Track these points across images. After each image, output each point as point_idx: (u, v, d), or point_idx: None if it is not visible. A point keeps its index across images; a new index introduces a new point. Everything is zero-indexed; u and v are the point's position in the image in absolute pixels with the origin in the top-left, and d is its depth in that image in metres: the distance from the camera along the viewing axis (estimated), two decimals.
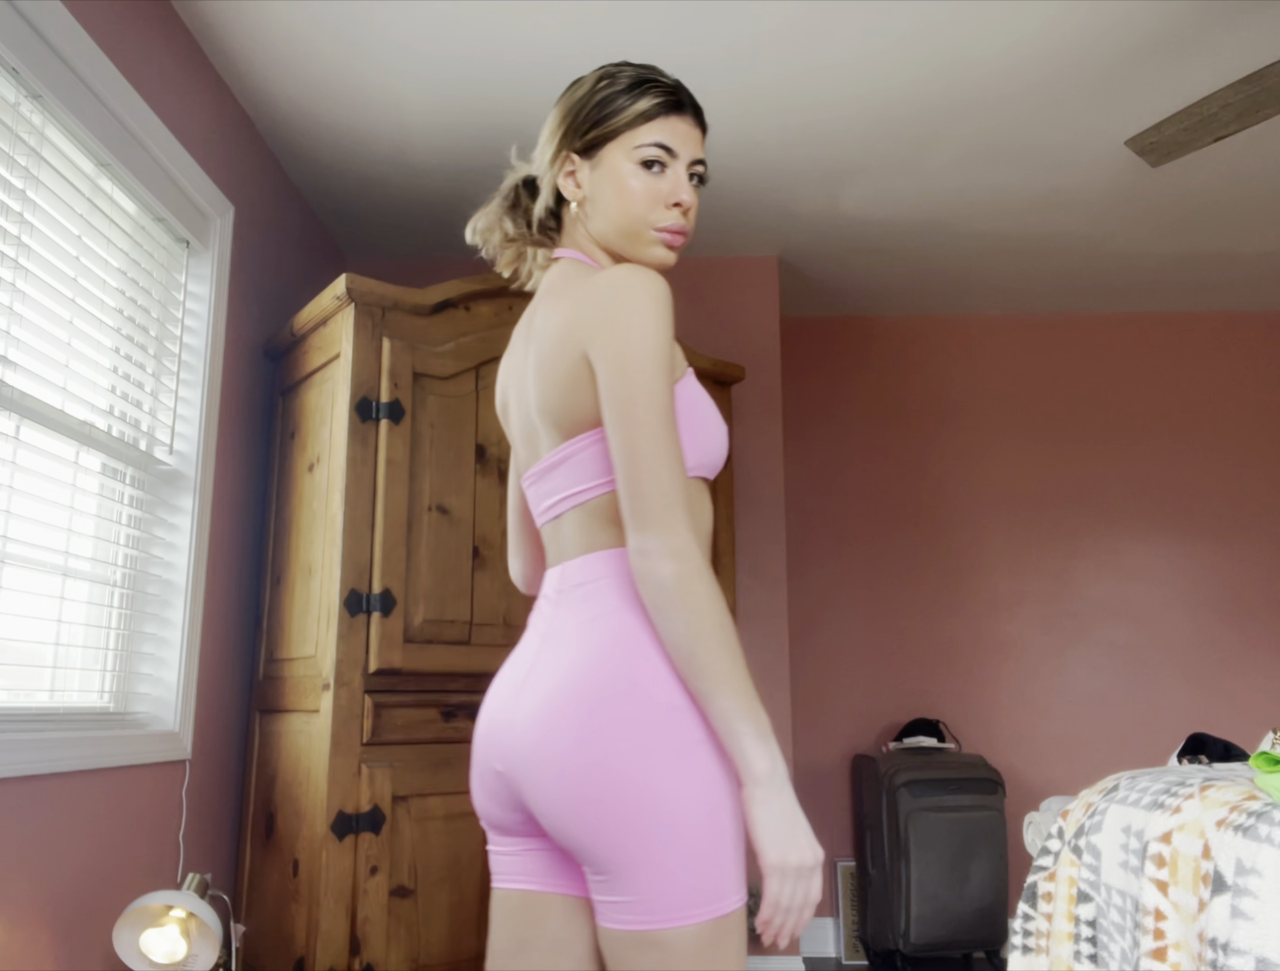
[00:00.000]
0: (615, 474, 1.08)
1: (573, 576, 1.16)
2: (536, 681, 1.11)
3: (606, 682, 1.05)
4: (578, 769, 1.03)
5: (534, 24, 2.46)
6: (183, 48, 2.46)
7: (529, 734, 1.08)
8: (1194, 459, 4.15)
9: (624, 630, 1.08)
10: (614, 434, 1.07)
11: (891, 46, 2.53)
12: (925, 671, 4.02)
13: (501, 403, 1.34)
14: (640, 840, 1.01)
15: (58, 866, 1.93)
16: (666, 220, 1.21)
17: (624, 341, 1.07)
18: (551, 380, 1.15)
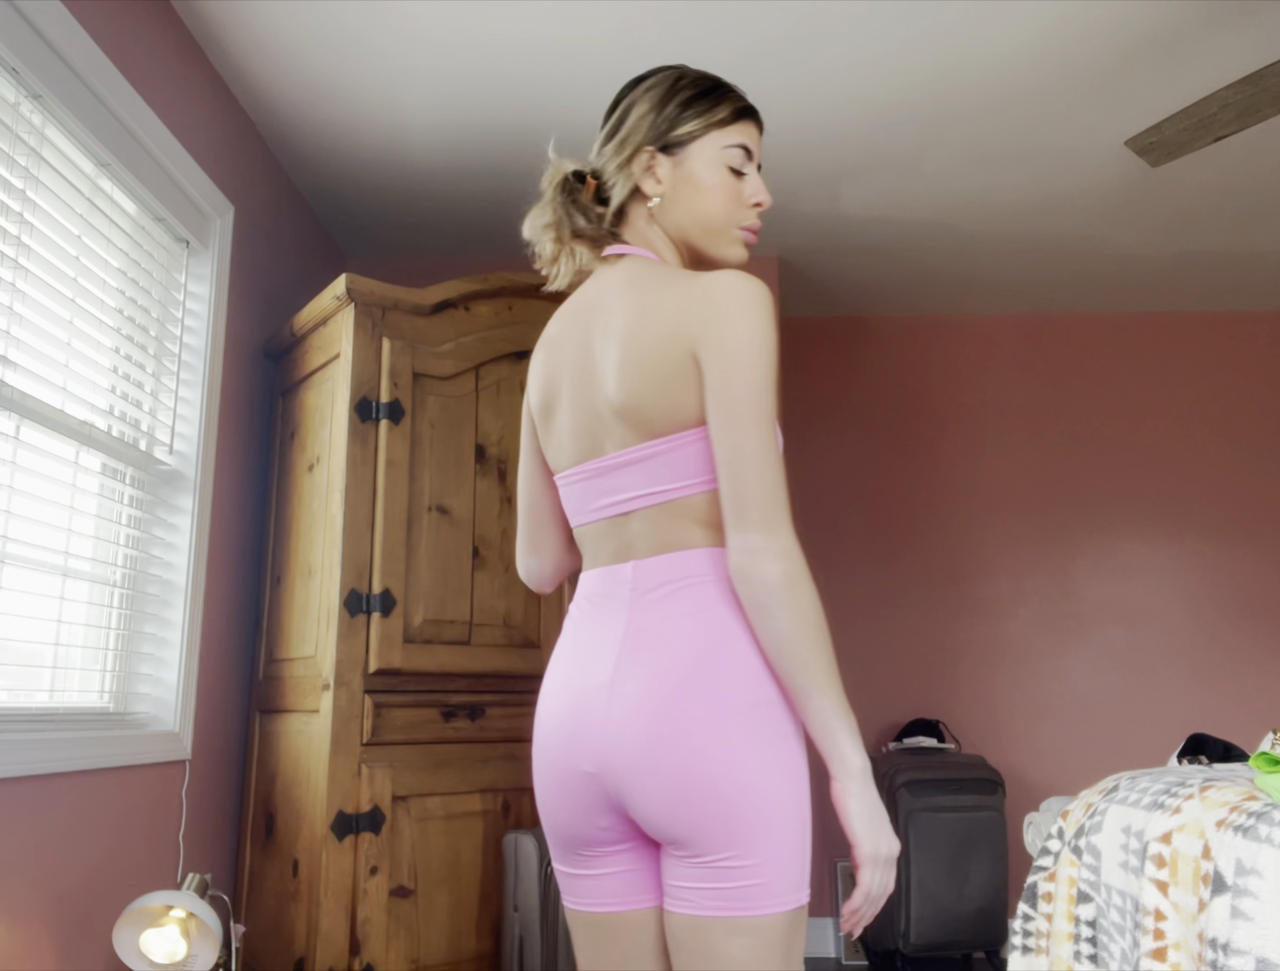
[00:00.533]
0: (721, 473, 1.10)
1: (654, 574, 1.15)
2: (631, 680, 1.11)
3: (714, 677, 1.08)
4: (691, 760, 1.06)
5: (533, 25, 2.45)
6: (183, 48, 2.46)
7: (633, 731, 1.09)
8: (1194, 459, 4.15)
9: (724, 626, 1.10)
10: (724, 434, 1.09)
11: (892, 48, 2.53)
12: (925, 671, 4.02)
13: (545, 398, 1.28)
14: (747, 829, 1.05)
15: (58, 866, 1.93)
16: (749, 219, 1.27)
17: (740, 345, 1.10)
18: (648, 378, 1.14)
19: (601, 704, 1.12)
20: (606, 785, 1.12)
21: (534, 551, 1.38)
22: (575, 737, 1.15)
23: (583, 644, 1.18)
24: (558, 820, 1.18)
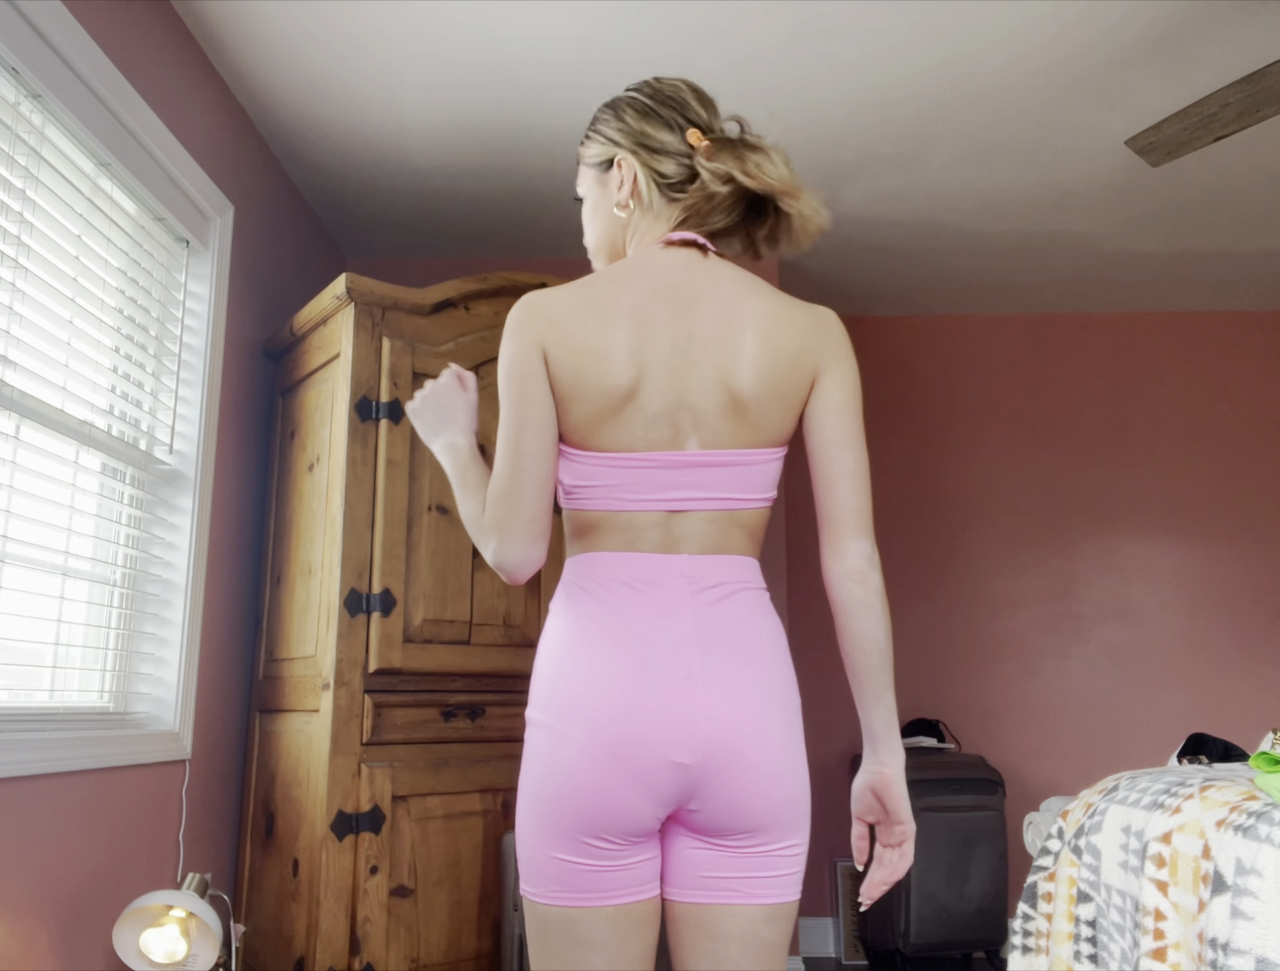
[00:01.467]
0: (842, 487, 1.24)
1: (711, 572, 1.19)
2: (717, 677, 1.15)
3: (782, 682, 1.19)
4: (782, 758, 1.16)
5: (533, 25, 2.46)
6: (183, 47, 2.46)
7: (732, 729, 1.14)
8: (1194, 459, 4.15)
9: (778, 634, 1.23)
10: (846, 454, 1.24)
11: (891, 47, 2.53)
12: (925, 671, 4.02)
13: (633, 377, 1.19)
14: (803, 820, 1.19)
15: (58, 866, 1.93)
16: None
17: (855, 377, 1.26)
18: (779, 383, 1.21)
19: (689, 698, 1.13)
20: (695, 777, 1.13)
21: (539, 538, 1.21)
22: (663, 728, 1.12)
23: (641, 630, 1.15)
24: (613, 809, 1.12)
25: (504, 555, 1.20)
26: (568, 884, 1.13)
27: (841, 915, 3.79)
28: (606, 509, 1.21)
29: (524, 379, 1.20)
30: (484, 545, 1.22)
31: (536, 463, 1.20)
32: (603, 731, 1.12)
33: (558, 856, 1.13)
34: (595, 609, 1.18)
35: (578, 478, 1.22)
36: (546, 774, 1.14)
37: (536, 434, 1.20)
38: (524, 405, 1.20)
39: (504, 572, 1.22)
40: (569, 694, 1.15)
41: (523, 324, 1.22)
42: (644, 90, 1.32)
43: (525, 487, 1.19)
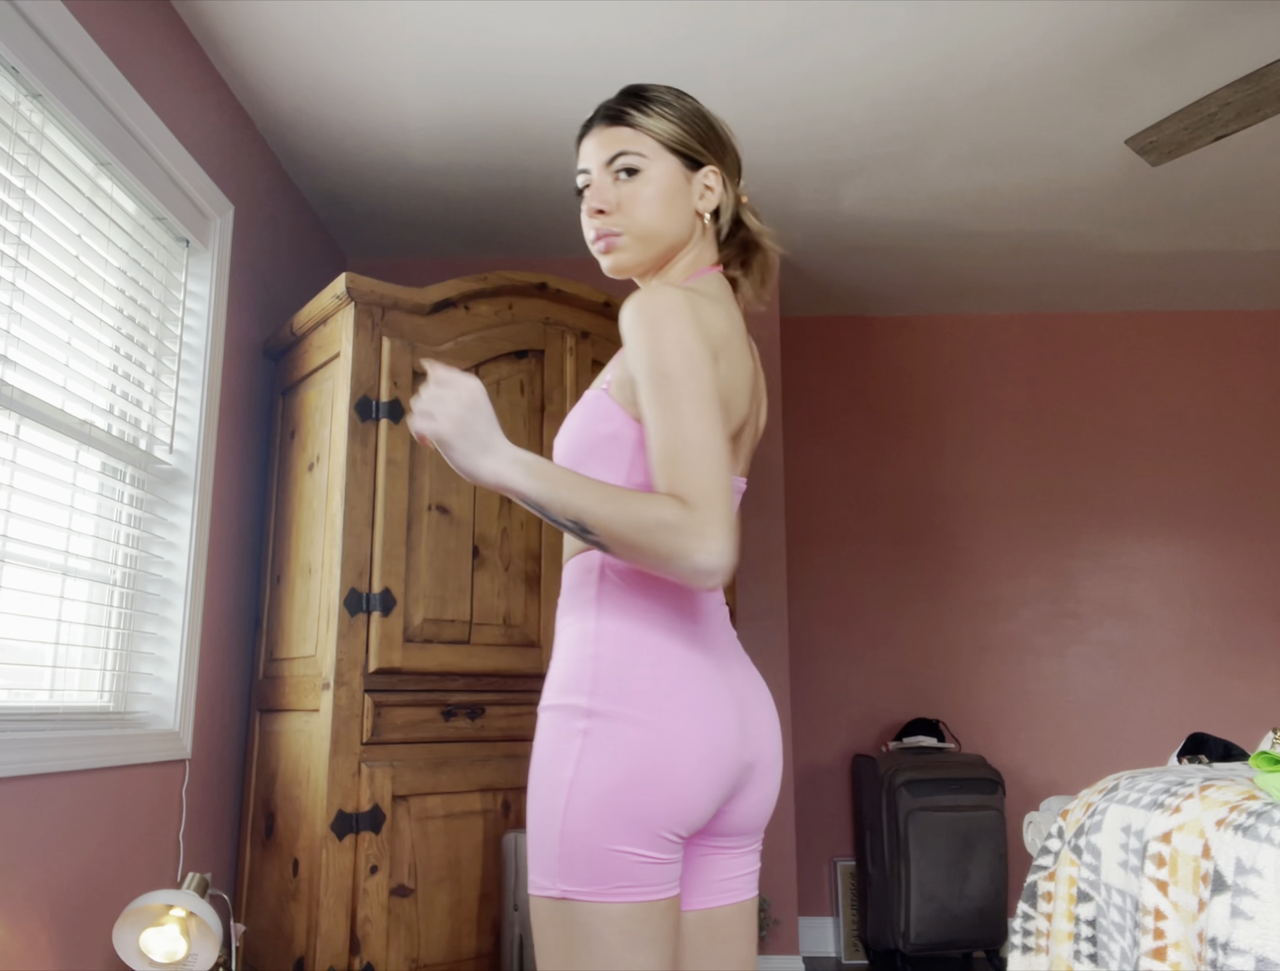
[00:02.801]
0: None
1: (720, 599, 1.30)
2: (755, 684, 1.26)
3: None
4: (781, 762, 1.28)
5: (533, 24, 2.45)
6: (183, 48, 2.46)
7: (771, 731, 1.25)
8: (1194, 458, 4.15)
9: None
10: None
11: (891, 46, 2.53)
12: (925, 671, 4.02)
13: (748, 412, 1.26)
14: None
15: (58, 865, 1.93)
16: (590, 231, 1.29)
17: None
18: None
19: (742, 699, 1.21)
20: (746, 776, 1.19)
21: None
22: (737, 727, 1.17)
23: (706, 633, 1.21)
24: (699, 802, 1.12)
25: (727, 554, 1.03)
26: (633, 878, 1.08)
27: (841, 915, 3.79)
28: None
29: (708, 370, 1.11)
30: (687, 546, 1.03)
31: (726, 470, 1.09)
32: (703, 727, 1.12)
33: (626, 850, 1.08)
34: (670, 610, 1.17)
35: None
36: (635, 767, 1.09)
37: (723, 441, 1.10)
38: (714, 394, 1.10)
39: (715, 576, 1.05)
40: (667, 688, 1.13)
41: (697, 320, 1.13)
42: (718, 119, 1.35)
43: (727, 492, 1.07)
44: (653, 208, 1.26)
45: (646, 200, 1.26)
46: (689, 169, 1.29)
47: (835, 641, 4.02)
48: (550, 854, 1.09)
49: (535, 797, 1.14)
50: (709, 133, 1.32)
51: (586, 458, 1.21)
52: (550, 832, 1.10)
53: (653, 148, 1.27)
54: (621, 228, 1.26)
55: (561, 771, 1.11)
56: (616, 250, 1.27)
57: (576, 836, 1.08)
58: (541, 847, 1.11)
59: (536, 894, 1.12)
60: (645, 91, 1.31)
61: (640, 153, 1.26)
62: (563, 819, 1.09)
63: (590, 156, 1.30)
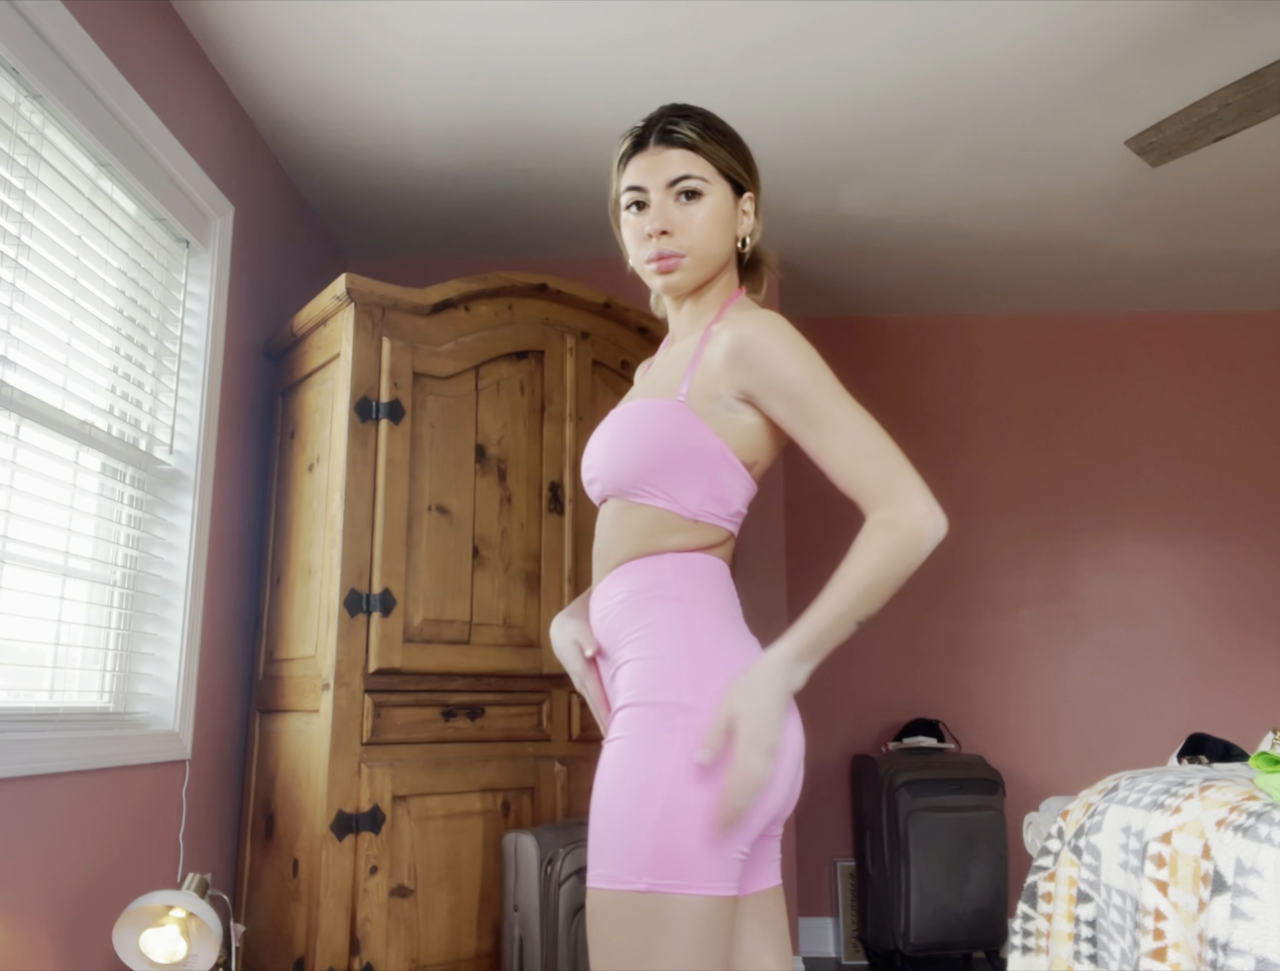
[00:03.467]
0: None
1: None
2: None
3: None
4: None
5: (533, 25, 2.45)
6: (183, 48, 2.46)
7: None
8: (1194, 459, 4.15)
9: None
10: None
11: (891, 46, 2.53)
12: (925, 671, 4.02)
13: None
14: None
15: (58, 866, 1.93)
16: (649, 251, 1.33)
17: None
18: None
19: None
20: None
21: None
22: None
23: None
24: (789, 799, 1.21)
25: (936, 511, 1.17)
26: (724, 873, 1.11)
27: (841, 915, 3.79)
28: (733, 533, 1.33)
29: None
30: (918, 540, 1.15)
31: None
32: (798, 733, 1.22)
33: (728, 845, 1.12)
34: (731, 604, 1.29)
35: (743, 504, 1.31)
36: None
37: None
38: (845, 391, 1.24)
39: (943, 529, 1.17)
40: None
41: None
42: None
43: (897, 449, 1.23)
44: (711, 231, 1.32)
45: (706, 224, 1.31)
46: (735, 194, 1.35)
47: None
48: (640, 847, 1.10)
49: (622, 792, 1.14)
50: (749, 159, 1.38)
51: (671, 466, 1.26)
52: (642, 826, 1.11)
53: (712, 172, 1.32)
54: (685, 249, 1.31)
55: (658, 766, 1.13)
56: (680, 270, 1.32)
57: (676, 830, 1.10)
58: (627, 841, 1.11)
59: (613, 887, 1.12)
60: (698, 114, 1.35)
61: (704, 177, 1.32)
62: (660, 812, 1.11)
63: (647, 176, 1.32)
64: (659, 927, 1.09)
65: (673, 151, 1.32)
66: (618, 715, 1.21)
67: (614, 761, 1.17)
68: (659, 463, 1.26)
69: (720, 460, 1.26)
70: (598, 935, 1.13)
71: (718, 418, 1.26)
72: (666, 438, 1.26)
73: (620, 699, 1.21)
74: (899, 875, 3.39)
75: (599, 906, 1.13)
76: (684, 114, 1.34)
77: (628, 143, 1.36)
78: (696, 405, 1.26)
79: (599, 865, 1.14)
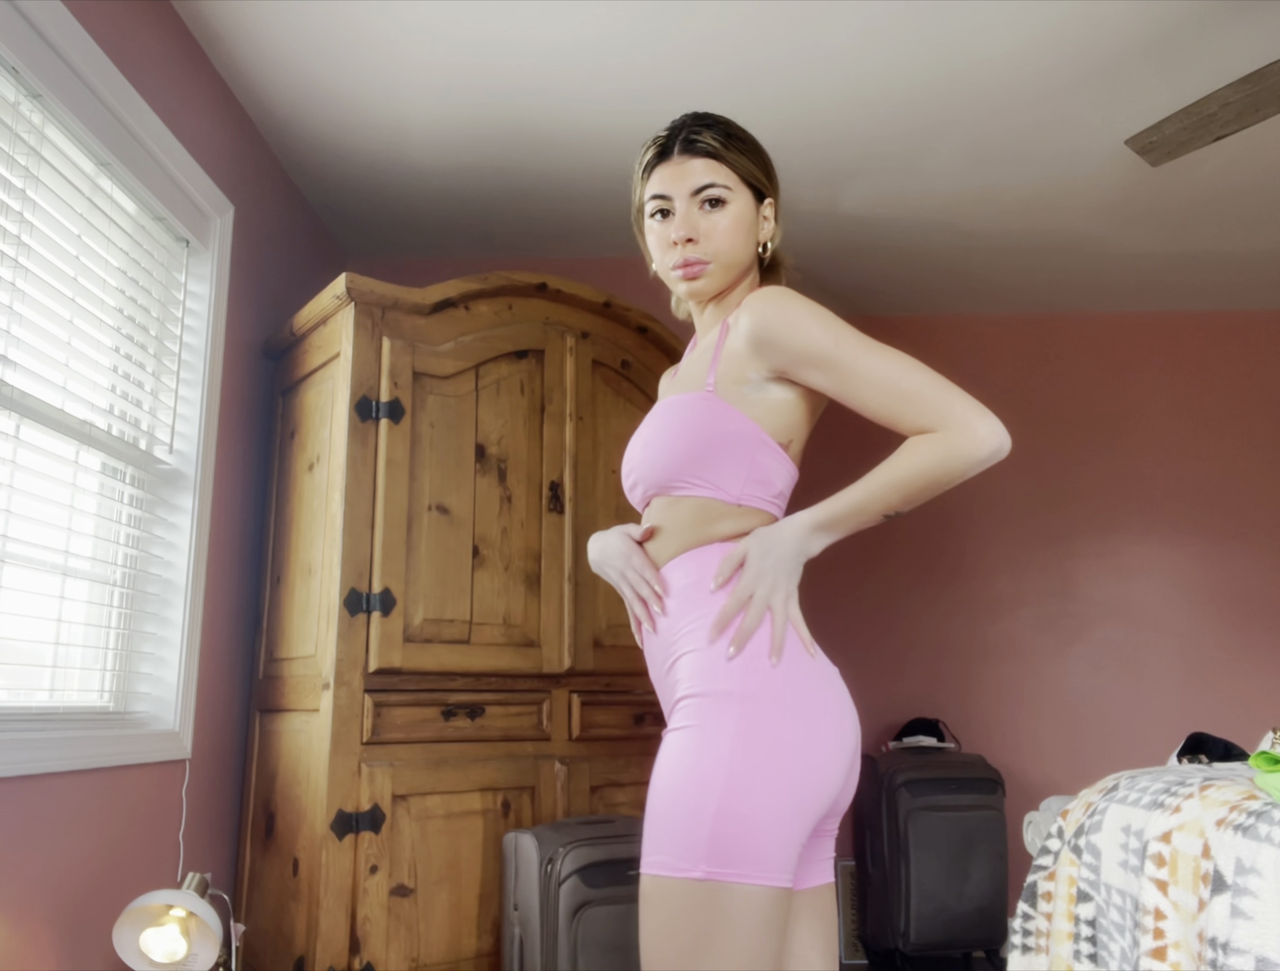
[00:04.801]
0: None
1: None
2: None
3: None
4: None
5: (534, 25, 2.45)
6: (183, 48, 2.46)
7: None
8: (1194, 459, 4.15)
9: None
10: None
11: (891, 46, 2.53)
12: (925, 671, 4.02)
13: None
14: None
15: (58, 866, 1.93)
16: (675, 257, 1.37)
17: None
18: None
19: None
20: (856, 758, 1.26)
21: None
22: (854, 712, 1.28)
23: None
24: (844, 792, 1.25)
25: (997, 426, 1.30)
26: (781, 863, 1.13)
27: (841, 915, 3.79)
28: (777, 516, 1.35)
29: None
30: (970, 455, 1.26)
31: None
32: (845, 716, 1.25)
33: (786, 835, 1.14)
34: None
35: (785, 485, 1.35)
36: (793, 753, 1.16)
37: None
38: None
39: (1006, 445, 1.28)
40: (812, 676, 1.23)
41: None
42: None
43: (941, 378, 1.36)
44: (735, 238, 1.37)
45: (730, 231, 1.36)
46: (756, 201, 1.40)
47: (835, 641, 4.00)
48: (698, 835, 1.11)
49: (679, 780, 1.16)
50: (770, 166, 1.43)
51: (709, 454, 1.30)
52: (700, 814, 1.11)
53: (735, 180, 1.37)
54: (710, 256, 1.36)
55: (718, 754, 1.14)
56: (704, 277, 1.37)
57: (734, 818, 1.11)
58: (684, 828, 1.12)
59: (669, 874, 1.12)
60: (719, 123, 1.39)
61: (727, 186, 1.36)
62: (719, 800, 1.11)
63: (672, 184, 1.36)
64: (714, 916, 1.09)
65: (697, 160, 1.36)
66: (678, 706, 1.23)
67: (674, 750, 1.19)
68: (697, 451, 1.30)
69: (756, 442, 1.30)
70: (651, 922, 1.13)
71: (748, 400, 1.30)
72: (701, 426, 1.30)
73: (680, 690, 1.24)
74: (899, 874, 3.39)
75: (653, 892, 1.14)
76: (706, 122, 1.38)
77: (652, 152, 1.39)
78: (725, 392, 1.30)
79: (656, 852, 1.14)
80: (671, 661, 1.28)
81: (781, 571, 1.23)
